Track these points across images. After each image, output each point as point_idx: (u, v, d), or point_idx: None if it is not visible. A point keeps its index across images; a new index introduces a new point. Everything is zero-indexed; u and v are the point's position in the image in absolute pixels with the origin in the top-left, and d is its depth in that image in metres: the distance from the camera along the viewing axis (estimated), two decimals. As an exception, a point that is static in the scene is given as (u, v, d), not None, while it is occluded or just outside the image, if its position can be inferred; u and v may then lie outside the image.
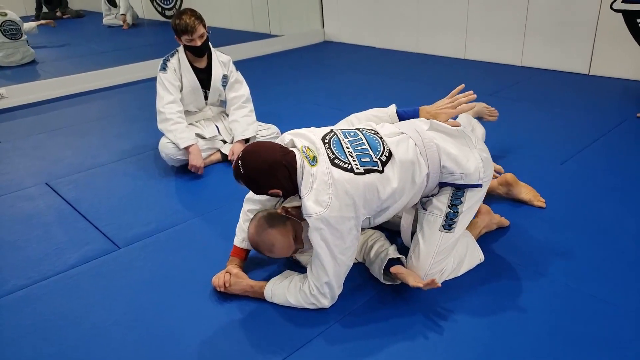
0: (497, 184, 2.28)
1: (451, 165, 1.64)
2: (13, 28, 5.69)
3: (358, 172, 1.53)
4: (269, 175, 1.53)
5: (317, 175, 1.51)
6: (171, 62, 2.78)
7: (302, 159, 1.55)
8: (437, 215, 1.69)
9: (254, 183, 1.58)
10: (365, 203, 1.55)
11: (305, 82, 4.54)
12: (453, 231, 1.69)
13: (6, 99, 4.16)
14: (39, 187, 2.70)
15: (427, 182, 1.66)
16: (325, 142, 1.58)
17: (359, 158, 1.56)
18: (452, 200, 1.68)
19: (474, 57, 4.95)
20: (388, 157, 1.59)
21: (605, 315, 1.59)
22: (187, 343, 1.57)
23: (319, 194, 1.49)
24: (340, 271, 1.61)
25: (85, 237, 2.21)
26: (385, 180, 1.57)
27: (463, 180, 1.66)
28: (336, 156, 1.54)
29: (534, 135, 3.08)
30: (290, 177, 1.54)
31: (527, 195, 2.26)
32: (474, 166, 1.66)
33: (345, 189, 1.50)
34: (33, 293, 1.86)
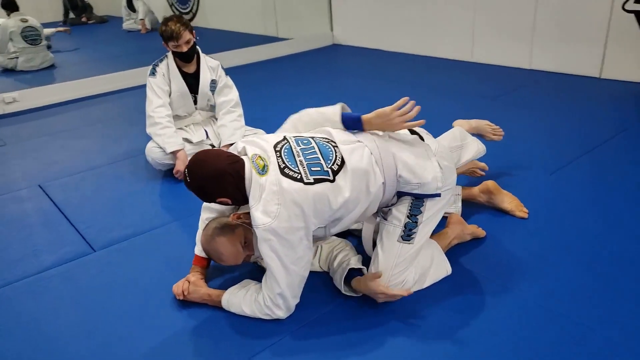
0: (479, 191, 2.21)
1: (407, 175, 1.61)
2: (33, 34, 5.89)
3: (307, 182, 1.51)
4: (215, 184, 1.54)
5: (265, 185, 1.50)
6: (160, 67, 2.83)
7: (251, 168, 1.54)
8: (396, 225, 1.66)
9: (202, 192, 1.58)
10: (315, 213, 1.53)
11: (311, 86, 4.54)
12: (412, 242, 1.66)
13: (18, 102, 4.30)
14: (31, 189, 2.78)
15: (383, 192, 1.63)
16: (277, 150, 1.57)
17: (309, 167, 1.54)
18: (411, 210, 1.65)
19: (481, 60, 4.85)
20: (340, 165, 1.57)
21: (573, 336, 1.52)
22: (139, 351, 1.58)
23: (267, 204, 1.48)
24: (294, 281, 1.59)
25: (64, 239, 2.26)
26: (336, 190, 1.55)
27: (420, 190, 1.62)
28: (286, 165, 1.53)
29: (529, 142, 2.99)
30: (238, 186, 1.53)
31: (509, 205, 2.19)
32: (432, 176, 1.62)
33: (293, 198, 1.49)
34: (4, 294, 1.91)
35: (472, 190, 2.24)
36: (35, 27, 5.92)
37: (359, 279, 1.67)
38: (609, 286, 1.72)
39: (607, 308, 1.62)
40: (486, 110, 3.56)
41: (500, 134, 2.38)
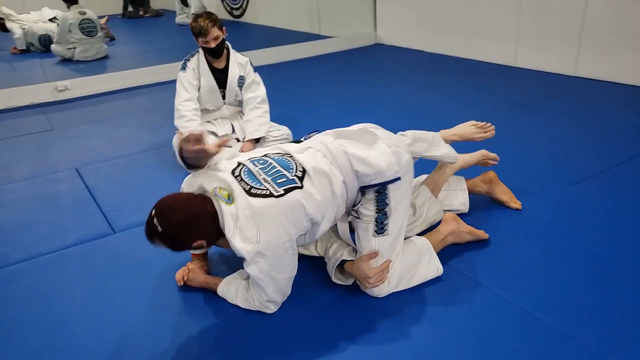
0: (480, 181, 2.25)
1: (363, 168, 1.63)
2: (90, 26, 6.21)
3: (278, 194, 1.52)
4: (192, 226, 1.49)
5: (237, 213, 1.49)
6: (191, 62, 2.95)
7: (217, 201, 1.53)
8: (369, 222, 1.68)
9: (172, 240, 1.50)
10: (294, 222, 1.55)
11: (350, 85, 4.57)
12: (386, 233, 1.68)
13: (69, 90, 4.57)
14: (68, 172, 2.97)
15: (346, 190, 1.64)
16: (236, 176, 1.57)
17: (274, 181, 1.55)
18: (378, 205, 1.66)
19: (524, 65, 4.72)
20: (303, 172, 1.60)
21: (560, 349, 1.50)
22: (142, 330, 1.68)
23: (244, 231, 1.48)
24: (281, 285, 1.64)
25: (89, 220, 2.41)
26: (307, 195, 1.56)
27: (380, 179, 1.63)
28: (252, 186, 1.53)
29: (558, 150, 2.91)
30: (214, 223, 1.51)
31: (505, 196, 2.25)
32: (386, 162, 1.64)
33: (269, 215, 1.50)
34: (28, 267, 2.07)
35: (474, 180, 2.27)
36: (92, 19, 6.24)
37: (350, 262, 1.72)
38: (607, 303, 1.67)
39: (600, 324, 1.58)
40: (517, 117, 3.49)
41: (491, 129, 2.15)
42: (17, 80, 5.02)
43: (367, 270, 1.68)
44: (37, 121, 3.98)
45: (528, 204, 2.28)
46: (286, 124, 3.22)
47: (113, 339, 1.64)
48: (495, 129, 2.16)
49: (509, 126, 3.34)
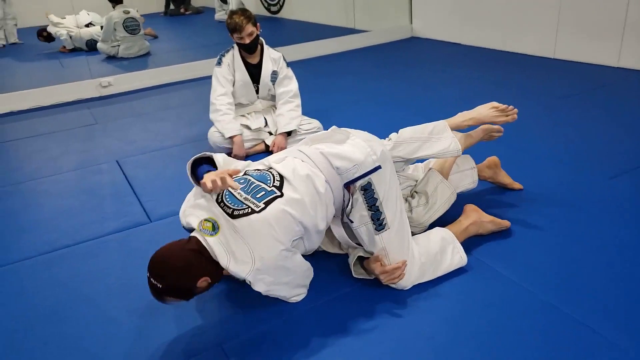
0: (485, 166, 2.25)
1: (342, 163, 1.65)
2: (134, 24, 6.44)
3: (260, 209, 1.53)
4: (187, 270, 1.49)
5: (226, 239, 1.50)
6: (226, 57, 3.03)
7: (202, 236, 1.52)
8: (366, 223, 1.70)
9: (178, 290, 1.50)
10: (284, 230, 1.54)
11: (385, 79, 4.57)
12: (387, 227, 1.69)
13: (112, 86, 4.76)
14: (109, 164, 3.12)
15: (331, 189, 1.65)
16: (219, 202, 1.57)
17: (254, 197, 1.56)
18: (368, 202, 1.67)
19: (564, 57, 4.60)
20: (281, 180, 1.62)
21: (583, 342, 1.49)
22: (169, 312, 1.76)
23: (237, 255, 1.49)
24: (296, 282, 1.68)
25: (128, 209, 2.53)
26: (290, 200, 1.57)
27: (361, 170, 1.65)
28: (234, 209, 1.54)
29: (594, 143, 2.84)
30: (207, 259, 1.51)
31: (507, 179, 2.33)
32: (362, 153, 1.66)
33: (256, 231, 1.50)
34: (72, 252, 2.19)
35: (479, 165, 2.26)
36: (135, 18, 6.46)
37: (367, 260, 1.76)
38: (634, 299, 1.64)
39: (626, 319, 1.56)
40: (555, 109, 3.42)
41: (513, 114, 2.05)
42: (65, 77, 5.28)
43: (376, 269, 1.70)
44: (82, 116, 4.18)
45: (562, 197, 2.25)
46: (319, 117, 3.26)
47: (143, 319, 1.73)
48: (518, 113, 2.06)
49: (547, 118, 3.28)
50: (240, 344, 1.60)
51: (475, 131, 2.11)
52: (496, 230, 2.01)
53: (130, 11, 6.46)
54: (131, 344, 1.64)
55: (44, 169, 3.12)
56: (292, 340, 1.60)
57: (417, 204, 1.99)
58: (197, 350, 1.59)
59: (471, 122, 2.03)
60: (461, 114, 2.04)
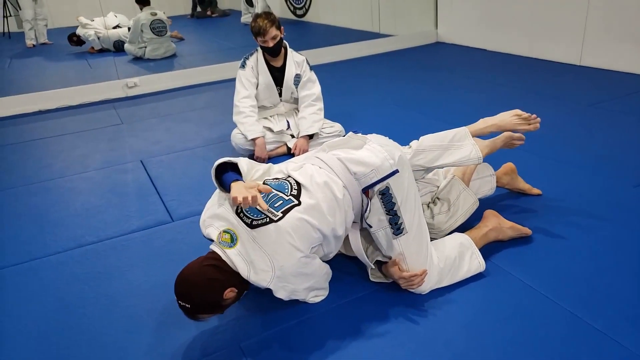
0: (502, 173, 2.25)
1: (359, 169, 1.65)
2: (160, 26, 6.56)
3: (278, 218, 1.54)
4: (211, 285, 1.50)
5: (246, 250, 1.52)
6: (250, 60, 3.07)
7: (221, 249, 1.54)
8: (384, 227, 1.70)
9: (206, 306, 1.52)
10: (302, 238, 1.55)
11: (406, 85, 4.57)
12: (405, 231, 1.69)
13: (138, 87, 4.86)
14: (134, 163, 3.18)
15: (349, 194, 1.66)
16: (239, 212, 1.58)
17: (272, 206, 1.57)
18: (386, 207, 1.67)
19: (589, 64, 4.52)
20: (298, 189, 1.62)
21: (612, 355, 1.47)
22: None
23: (256, 264, 1.51)
24: (317, 284, 1.70)
25: (151, 208, 2.58)
26: (308, 208, 1.58)
27: (378, 175, 1.65)
28: (252, 219, 1.55)
29: (619, 151, 2.80)
30: (229, 271, 1.53)
31: (524, 185, 2.32)
32: (379, 158, 1.66)
33: (274, 240, 1.52)
34: (96, 249, 2.25)
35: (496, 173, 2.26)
36: (162, 20, 6.58)
37: (385, 265, 1.76)
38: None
39: None
40: (582, 117, 3.37)
41: (536, 122, 2.01)
42: (93, 77, 5.41)
43: (395, 274, 1.71)
44: (108, 116, 4.27)
45: (585, 204, 2.22)
46: (341, 121, 3.28)
47: (163, 316, 1.76)
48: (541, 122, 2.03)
49: (572, 126, 3.24)
50: (257, 342, 1.62)
51: (496, 138, 2.08)
52: (516, 236, 2.00)
53: (157, 13, 6.59)
54: (151, 341, 1.67)
55: (72, 167, 3.20)
56: (309, 340, 1.61)
57: (439, 211, 1.98)
58: (215, 349, 1.61)
59: (493, 129, 2.01)
60: (483, 120, 2.03)
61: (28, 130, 4.05)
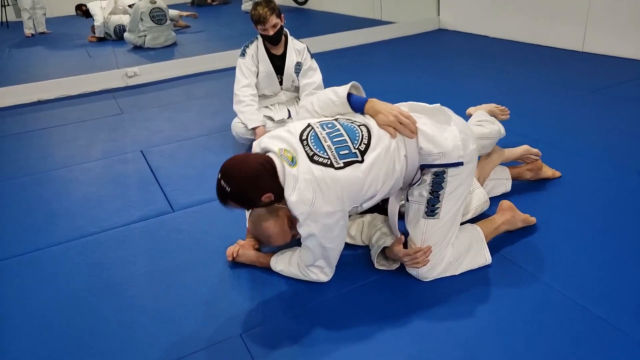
0: (526, 169, 2.27)
1: (428, 146, 1.63)
2: (160, 14, 6.49)
3: (338, 167, 1.56)
4: (256, 182, 1.55)
5: (299, 176, 1.55)
6: (250, 48, 3.04)
7: (281, 161, 1.58)
8: (420, 203, 1.70)
9: (243, 197, 1.58)
10: (349, 195, 1.59)
11: (411, 71, 4.53)
12: (437, 217, 1.69)
13: (138, 76, 4.83)
14: (134, 153, 3.17)
15: (406, 165, 1.65)
16: (303, 139, 1.61)
17: (337, 151, 1.58)
18: (433, 187, 1.67)
19: (593, 50, 4.48)
20: (367, 144, 1.61)
21: (609, 340, 1.47)
22: (189, 299, 1.80)
23: (302, 192, 1.54)
24: (330, 255, 1.70)
25: (152, 198, 2.57)
26: (367, 169, 1.59)
27: (442, 160, 1.64)
28: (315, 152, 1.57)
29: (623, 137, 2.79)
30: (275, 180, 1.57)
31: (549, 172, 2.35)
32: (452, 144, 1.63)
33: (327, 185, 1.55)
34: (97, 240, 2.25)
35: (519, 168, 2.29)
36: (162, 8, 6.52)
37: (389, 247, 1.76)
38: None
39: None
40: (586, 103, 3.35)
41: (507, 113, 2.44)
42: (92, 67, 5.37)
43: (400, 252, 1.72)
44: (108, 105, 4.25)
45: (588, 191, 2.22)
46: (342, 110, 3.25)
47: (165, 306, 1.77)
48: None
49: (575, 112, 3.22)
50: (258, 332, 1.62)
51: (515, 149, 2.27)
52: (524, 226, 2.00)
53: (157, 1, 6.52)
54: (152, 330, 1.67)
55: (74, 157, 3.19)
56: (311, 329, 1.61)
57: None
58: (217, 339, 1.61)
59: None
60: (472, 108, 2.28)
61: (29, 120, 4.03)
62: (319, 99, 1.82)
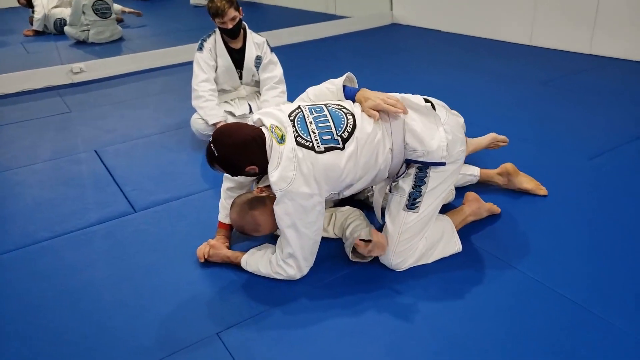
0: (496, 173, 2.23)
1: (413, 143, 1.65)
2: (104, 7, 6.21)
3: (319, 151, 1.59)
4: (243, 151, 1.59)
5: (284, 153, 1.58)
6: (207, 42, 2.95)
7: (271, 137, 1.61)
8: (402, 195, 1.72)
9: (229, 164, 1.63)
10: (327, 180, 1.60)
11: (366, 66, 4.54)
12: (417, 211, 1.71)
13: (85, 72, 4.60)
14: (87, 153, 3.02)
15: (391, 158, 1.67)
16: (291, 120, 1.64)
17: (320, 135, 1.60)
18: (416, 181, 1.69)
19: (540, 44, 4.66)
20: (351, 132, 1.62)
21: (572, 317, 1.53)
22: (159, 301, 1.73)
23: (284, 170, 1.57)
24: (304, 244, 1.68)
25: (110, 199, 2.45)
26: (347, 157, 1.61)
27: (425, 158, 1.66)
28: (299, 134, 1.60)
29: (573, 126, 2.92)
30: (262, 153, 1.61)
31: (529, 184, 2.20)
32: (437, 144, 1.65)
33: (307, 166, 1.57)
34: (53, 245, 2.12)
35: (490, 172, 2.25)
36: (106, 0, 6.24)
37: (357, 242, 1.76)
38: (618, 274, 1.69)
39: (611, 294, 1.60)
40: (537, 94, 3.47)
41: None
42: (32, 63, 5.04)
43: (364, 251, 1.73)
44: (54, 104, 4.02)
45: (545, 179, 2.28)
46: (302, 104, 3.22)
47: (135, 309, 1.68)
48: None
49: (527, 103, 3.34)
50: (235, 330, 1.57)
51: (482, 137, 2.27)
52: (488, 215, 2.04)
53: (100, -7, 6.24)
54: (123, 336, 1.59)
55: (19, 158, 3.00)
56: (288, 324, 1.58)
57: None
58: (192, 340, 1.55)
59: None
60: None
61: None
62: (314, 89, 1.88)
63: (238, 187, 1.93)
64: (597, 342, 1.43)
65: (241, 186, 1.93)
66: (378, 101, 1.66)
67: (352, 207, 1.98)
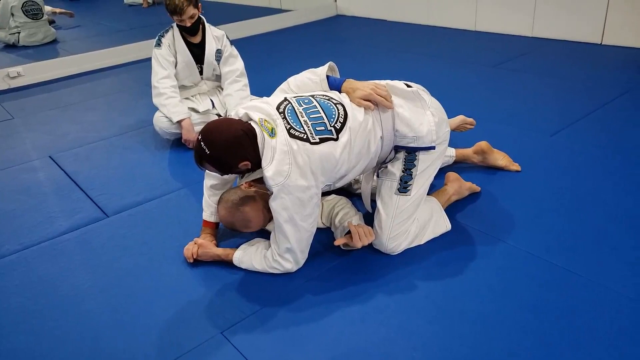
0: (472, 152, 2.30)
1: (404, 129, 1.67)
2: (34, 8, 5.84)
3: (314, 142, 1.56)
4: (236, 147, 1.53)
5: (277, 147, 1.54)
6: (165, 38, 2.84)
7: (262, 131, 1.57)
8: (393, 180, 1.73)
9: (222, 161, 1.56)
10: (323, 171, 1.58)
11: (314, 57, 4.54)
12: (409, 193, 1.73)
13: (23, 77, 4.32)
14: (42, 160, 2.84)
15: (381, 146, 1.69)
16: (281, 112, 1.60)
17: (314, 127, 1.58)
18: (406, 165, 1.71)
19: (484, 29, 4.85)
20: (343, 123, 1.61)
21: (565, 283, 1.61)
22: (147, 308, 1.66)
23: (279, 164, 1.53)
24: (302, 237, 1.66)
25: (78, 206, 2.32)
26: (341, 147, 1.60)
27: (416, 143, 1.68)
28: (292, 126, 1.56)
29: (530, 105, 3.05)
30: (255, 148, 1.56)
31: (502, 162, 2.30)
32: (427, 129, 1.68)
33: (303, 159, 1.54)
34: (23, 257, 1.98)
35: (466, 151, 2.32)
36: (36, 1, 5.88)
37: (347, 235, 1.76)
38: (599, 238, 1.80)
39: (594, 257, 1.71)
40: (490, 77, 3.60)
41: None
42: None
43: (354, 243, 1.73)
44: (-6, 111, 3.76)
45: (513, 156, 2.37)
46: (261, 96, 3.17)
47: (127, 316, 1.61)
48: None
49: (481, 85, 3.46)
50: (239, 328, 1.54)
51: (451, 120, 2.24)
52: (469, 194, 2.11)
53: (29, -6, 5.87)
54: (120, 345, 1.51)
55: (-36, 170, 2.78)
56: (289, 316, 1.57)
57: None
58: (197, 341, 1.50)
59: None
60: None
61: None
62: (295, 79, 1.82)
63: (222, 183, 1.88)
64: (589, 303, 1.52)
65: (225, 182, 1.88)
66: (368, 91, 1.65)
67: (337, 195, 1.98)
